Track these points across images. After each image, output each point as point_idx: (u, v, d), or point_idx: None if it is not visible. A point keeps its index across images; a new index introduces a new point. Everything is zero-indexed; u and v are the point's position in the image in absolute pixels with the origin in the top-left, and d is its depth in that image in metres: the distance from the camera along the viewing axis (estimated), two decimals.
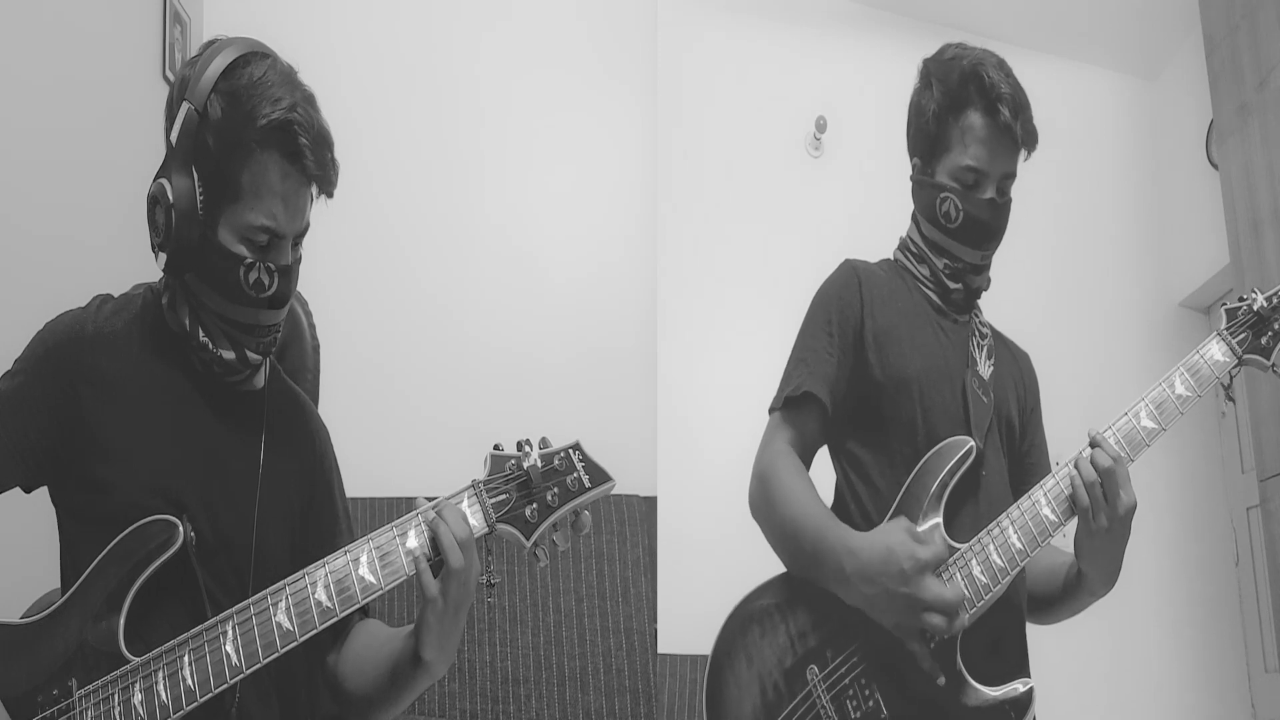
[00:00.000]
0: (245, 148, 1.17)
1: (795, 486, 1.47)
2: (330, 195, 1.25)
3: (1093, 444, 1.39)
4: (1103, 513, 1.35)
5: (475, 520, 1.16)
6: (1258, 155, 2.96)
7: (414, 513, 1.16)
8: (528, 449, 1.20)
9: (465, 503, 1.17)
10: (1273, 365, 1.46)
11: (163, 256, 1.21)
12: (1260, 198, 2.94)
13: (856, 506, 1.51)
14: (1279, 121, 2.89)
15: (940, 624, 1.31)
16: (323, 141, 1.20)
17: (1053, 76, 4.15)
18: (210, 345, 1.23)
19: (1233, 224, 3.09)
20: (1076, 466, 1.38)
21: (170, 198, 1.17)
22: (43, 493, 1.26)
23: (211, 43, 1.23)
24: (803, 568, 1.44)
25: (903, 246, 1.67)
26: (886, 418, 1.52)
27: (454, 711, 2.77)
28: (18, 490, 1.26)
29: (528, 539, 1.17)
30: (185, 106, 1.18)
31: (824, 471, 1.57)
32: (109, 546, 1.14)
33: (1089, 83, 4.31)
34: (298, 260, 1.26)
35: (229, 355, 1.24)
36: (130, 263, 1.30)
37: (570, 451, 1.21)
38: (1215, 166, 3.62)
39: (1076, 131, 4.14)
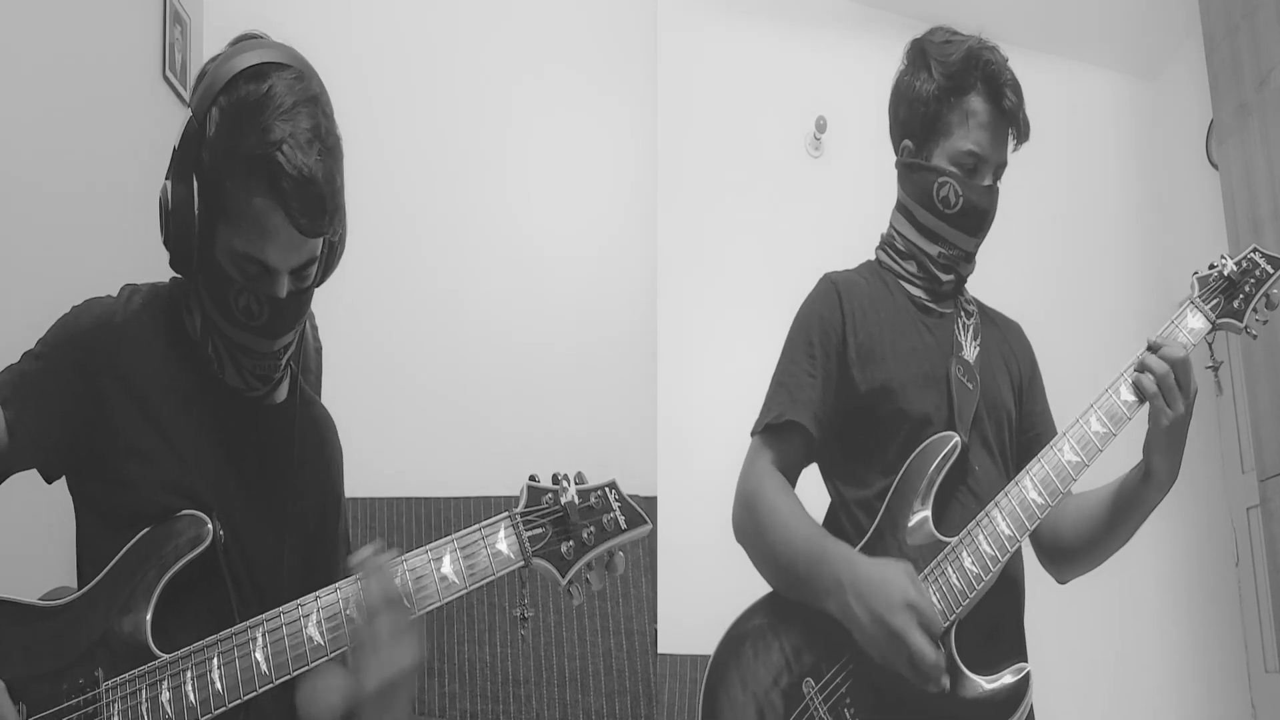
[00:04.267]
0: (233, 173, 1.11)
1: (784, 506, 1.45)
2: (333, 239, 1.20)
3: (1153, 347, 1.41)
4: (1179, 400, 1.37)
5: (510, 552, 1.15)
6: (1258, 155, 2.96)
7: (449, 538, 1.15)
8: (565, 484, 1.19)
9: (501, 533, 1.16)
10: (1245, 327, 1.47)
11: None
12: (1260, 198, 2.94)
13: (849, 520, 1.50)
14: (1279, 121, 2.89)
15: (916, 680, 1.28)
16: (310, 185, 1.10)
17: (1053, 76, 4.15)
18: (214, 363, 1.23)
19: (1233, 224, 3.09)
20: (1142, 369, 1.40)
21: (169, 203, 1.16)
22: (58, 484, 1.25)
23: (243, 38, 1.19)
24: (792, 586, 1.42)
25: (885, 243, 1.64)
26: (876, 431, 1.50)
27: (454, 711, 2.77)
28: (30, 482, 1.24)
29: (563, 576, 1.16)
30: (188, 115, 1.15)
31: (810, 490, 1.56)
32: (137, 538, 1.14)
33: (1089, 83, 4.31)
34: (303, 290, 1.20)
35: (234, 381, 1.24)
36: (129, 261, 1.30)
37: (607, 490, 1.21)
38: (1215, 166, 3.62)
39: (1076, 131, 4.14)
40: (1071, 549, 1.54)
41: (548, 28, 3.36)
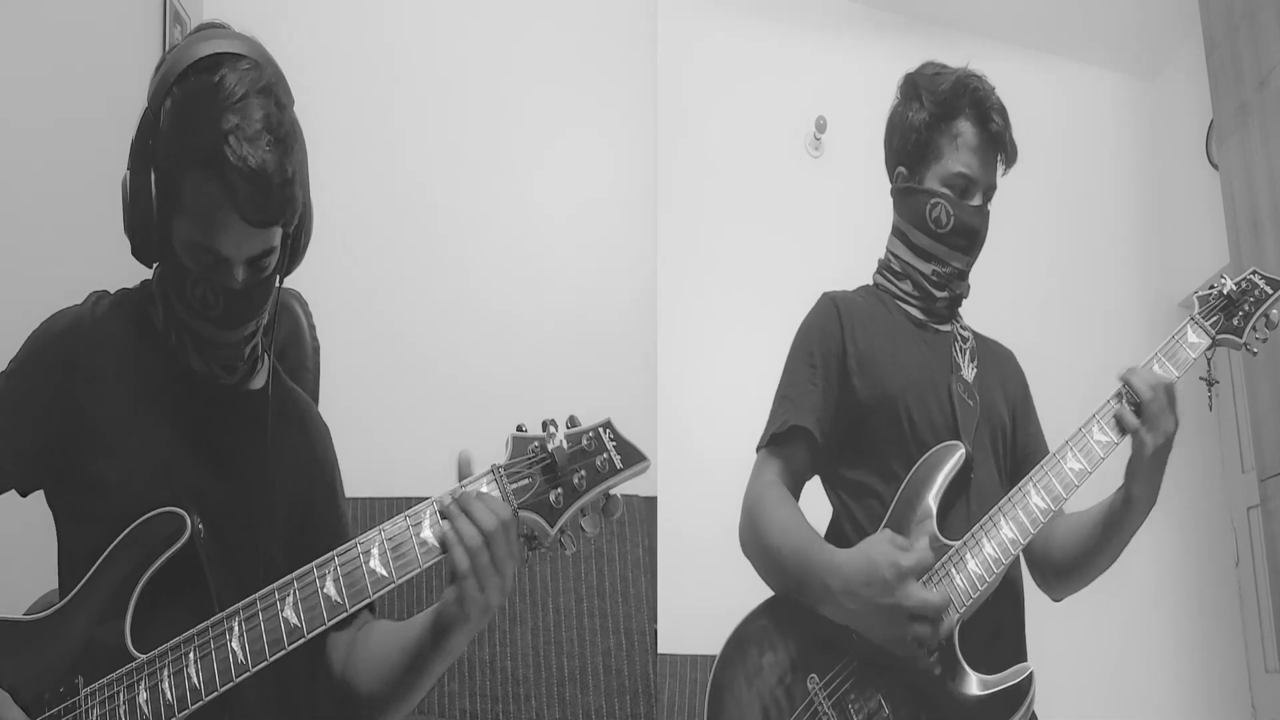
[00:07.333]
0: (184, 164, 1.11)
1: (780, 514, 1.48)
2: (286, 229, 1.17)
3: (1137, 374, 1.45)
4: (1159, 426, 1.40)
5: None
6: (1258, 155, 2.96)
7: (428, 500, 1.11)
8: (553, 429, 1.13)
9: (483, 489, 1.11)
10: (1245, 344, 1.52)
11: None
12: (1260, 198, 2.94)
13: (853, 529, 1.52)
14: (1279, 121, 2.89)
15: (926, 632, 1.31)
16: (258, 177, 1.08)
17: (1053, 76, 4.16)
18: (181, 351, 1.22)
19: (1233, 224, 3.09)
20: (1125, 392, 1.44)
21: (127, 193, 1.15)
22: (40, 495, 1.25)
23: (203, 28, 1.18)
24: (789, 592, 1.45)
25: (882, 268, 1.69)
26: (877, 437, 1.53)
27: (454, 711, 2.77)
28: (15, 492, 1.24)
29: (552, 526, 1.10)
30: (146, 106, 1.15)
31: (816, 503, 1.56)
32: (117, 539, 1.12)
33: (1089, 83, 4.31)
34: (260, 281, 1.18)
35: (200, 367, 1.22)
36: (127, 262, 1.29)
37: (600, 430, 1.15)
38: (1215, 166, 3.62)
39: (1077, 131, 4.14)
40: (1062, 567, 1.58)
41: (547, 29, 3.36)
